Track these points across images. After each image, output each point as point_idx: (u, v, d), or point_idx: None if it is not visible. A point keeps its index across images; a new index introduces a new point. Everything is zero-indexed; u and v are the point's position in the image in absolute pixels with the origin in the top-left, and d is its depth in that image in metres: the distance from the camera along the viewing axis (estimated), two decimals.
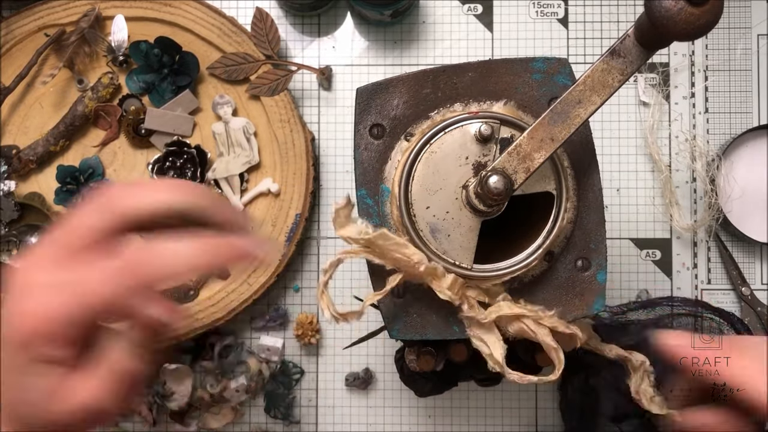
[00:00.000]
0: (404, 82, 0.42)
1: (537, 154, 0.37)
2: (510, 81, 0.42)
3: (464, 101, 0.42)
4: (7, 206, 0.60)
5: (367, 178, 0.42)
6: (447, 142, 0.40)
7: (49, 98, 0.63)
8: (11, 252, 0.61)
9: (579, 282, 0.42)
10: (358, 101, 0.42)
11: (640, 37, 0.36)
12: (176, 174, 0.61)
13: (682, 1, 0.32)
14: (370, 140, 0.42)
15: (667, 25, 0.32)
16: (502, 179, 0.37)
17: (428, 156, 0.40)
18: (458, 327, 0.41)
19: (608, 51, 0.36)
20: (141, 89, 0.62)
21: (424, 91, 0.42)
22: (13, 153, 0.61)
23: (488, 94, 0.42)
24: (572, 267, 0.42)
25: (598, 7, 0.64)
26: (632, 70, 0.36)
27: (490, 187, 0.37)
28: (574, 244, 0.42)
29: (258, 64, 0.61)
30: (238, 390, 0.62)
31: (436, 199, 0.40)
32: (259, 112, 0.62)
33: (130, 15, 0.61)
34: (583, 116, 0.37)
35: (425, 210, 0.40)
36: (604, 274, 0.42)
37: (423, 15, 0.64)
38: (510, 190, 0.37)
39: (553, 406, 0.63)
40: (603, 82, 0.37)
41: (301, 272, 0.63)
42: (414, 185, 0.40)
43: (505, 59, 0.43)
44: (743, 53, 0.63)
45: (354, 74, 0.64)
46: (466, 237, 0.40)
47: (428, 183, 0.40)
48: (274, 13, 0.64)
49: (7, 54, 0.62)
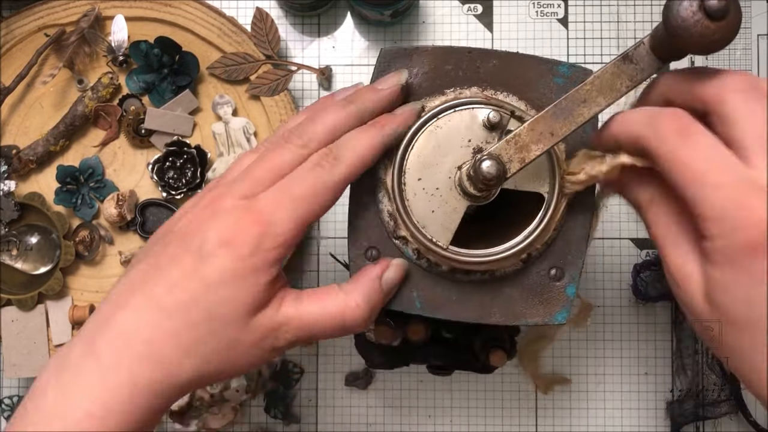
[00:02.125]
0: (429, 53, 0.42)
1: (535, 146, 0.37)
2: (531, 78, 0.42)
3: (482, 86, 0.42)
4: (7, 206, 0.60)
5: None
6: (454, 120, 0.40)
7: (49, 98, 0.63)
8: (11, 252, 0.61)
9: (548, 290, 0.42)
10: (380, 61, 0.42)
11: (654, 46, 0.36)
12: (176, 174, 0.61)
13: (700, 13, 0.32)
14: None
15: (683, 36, 0.32)
16: (495, 165, 0.36)
17: (433, 129, 0.40)
18: (420, 303, 0.42)
19: (621, 55, 0.36)
20: (141, 89, 0.62)
21: (446, 67, 0.42)
22: (13, 153, 0.61)
23: (507, 86, 0.42)
24: (545, 274, 0.42)
25: (598, 7, 0.64)
26: (642, 78, 0.36)
27: (483, 171, 0.36)
28: (553, 252, 0.42)
29: (258, 64, 0.61)
30: (238, 390, 0.62)
31: (430, 173, 0.40)
32: (259, 112, 0.62)
33: (130, 15, 0.61)
34: (586, 116, 0.37)
35: (416, 181, 0.40)
36: (575, 289, 0.42)
37: (423, 15, 0.64)
38: (502, 177, 0.37)
39: (553, 406, 0.63)
40: (611, 86, 0.37)
41: (301, 272, 0.63)
42: (412, 154, 0.40)
43: (533, 56, 0.42)
44: (743, 53, 0.63)
45: (354, 74, 0.64)
46: (449, 217, 0.40)
47: (426, 155, 0.40)
48: (274, 13, 0.64)
49: (7, 54, 0.62)
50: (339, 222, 0.63)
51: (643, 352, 0.63)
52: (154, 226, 0.62)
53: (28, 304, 0.61)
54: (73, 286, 0.62)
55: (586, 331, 0.63)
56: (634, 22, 0.63)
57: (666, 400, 0.63)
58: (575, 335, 0.63)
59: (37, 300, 0.61)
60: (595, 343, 0.63)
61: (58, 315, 0.61)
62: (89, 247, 0.61)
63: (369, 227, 0.41)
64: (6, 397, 0.64)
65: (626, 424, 0.62)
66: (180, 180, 0.61)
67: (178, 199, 0.61)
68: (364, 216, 0.41)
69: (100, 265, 0.62)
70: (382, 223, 0.41)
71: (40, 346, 0.61)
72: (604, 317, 0.63)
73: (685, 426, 0.62)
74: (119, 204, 0.60)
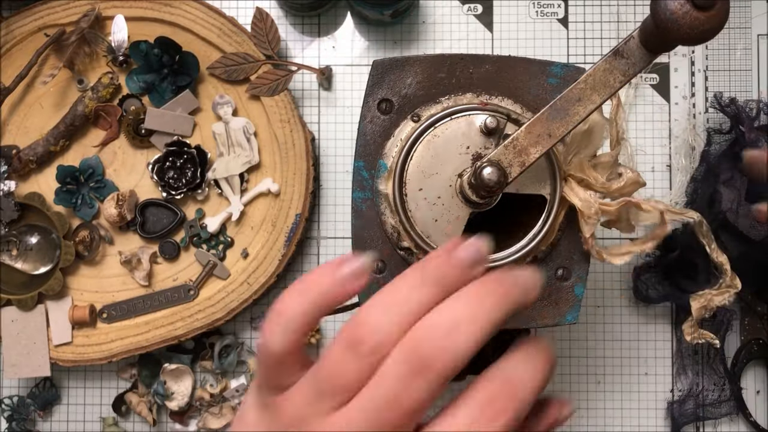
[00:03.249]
0: (421, 62, 0.42)
1: (533, 149, 0.37)
2: (525, 80, 0.42)
3: (477, 92, 0.42)
4: (7, 206, 0.60)
5: (368, 150, 0.42)
6: (451, 129, 0.40)
7: (49, 98, 0.63)
8: (11, 252, 0.61)
9: (556, 291, 0.42)
10: (373, 74, 0.42)
11: (644, 40, 0.36)
12: (176, 174, 0.61)
13: (688, 5, 0.32)
14: (377, 114, 0.42)
15: (672, 28, 0.32)
16: (496, 171, 0.36)
17: (430, 139, 0.40)
18: None
19: (611, 51, 0.36)
20: (141, 89, 0.62)
21: (439, 75, 0.42)
22: (13, 153, 0.61)
23: (501, 90, 0.42)
24: (552, 275, 0.42)
25: (598, 7, 0.64)
26: (634, 72, 0.36)
27: (485, 178, 0.36)
28: (559, 253, 0.42)
29: (258, 64, 0.61)
30: (238, 390, 0.62)
31: (431, 182, 0.40)
32: (259, 112, 0.62)
33: (130, 15, 0.61)
34: (582, 114, 0.37)
35: (417, 191, 0.40)
36: (583, 288, 0.42)
37: (423, 15, 0.64)
38: (504, 183, 0.37)
39: None
40: (604, 82, 0.37)
41: (301, 272, 0.63)
42: (411, 165, 0.40)
43: (525, 58, 0.43)
44: (743, 53, 0.63)
45: (354, 74, 0.64)
46: (453, 225, 0.40)
47: (425, 165, 0.40)
48: (274, 13, 0.64)
49: (7, 54, 0.62)
50: (339, 222, 0.63)
51: (643, 353, 0.63)
52: (154, 226, 0.62)
53: (28, 304, 0.61)
54: (73, 286, 0.62)
55: (586, 331, 0.63)
56: (634, 22, 0.63)
57: (666, 400, 0.62)
58: (575, 335, 0.63)
59: (37, 300, 0.61)
60: (595, 343, 0.63)
61: (58, 315, 0.61)
62: (89, 247, 0.61)
63: (373, 240, 0.41)
64: (6, 397, 0.64)
65: (626, 424, 0.62)
66: (180, 180, 0.61)
67: (178, 199, 0.61)
68: (367, 228, 0.41)
69: (100, 265, 0.62)
70: (386, 235, 0.41)
71: (40, 346, 0.61)
72: (604, 317, 0.63)
73: (685, 426, 0.62)
74: (119, 204, 0.60)
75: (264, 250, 0.60)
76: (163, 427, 0.64)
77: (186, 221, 0.62)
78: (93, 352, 0.61)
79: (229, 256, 0.62)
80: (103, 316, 0.62)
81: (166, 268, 0.62)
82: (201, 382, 0.63)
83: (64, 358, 0.61)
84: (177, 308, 0.61)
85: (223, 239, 0.62)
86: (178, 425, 0.63)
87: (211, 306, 0.60)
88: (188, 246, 0.62)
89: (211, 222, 0.61)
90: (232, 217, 0.61)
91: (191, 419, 0.63)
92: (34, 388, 0.64)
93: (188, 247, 0.62)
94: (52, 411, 0.64)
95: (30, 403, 0.63)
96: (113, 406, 0.63)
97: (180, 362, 0.62)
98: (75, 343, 0.61)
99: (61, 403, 0.64)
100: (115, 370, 0.64)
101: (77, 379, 0.64)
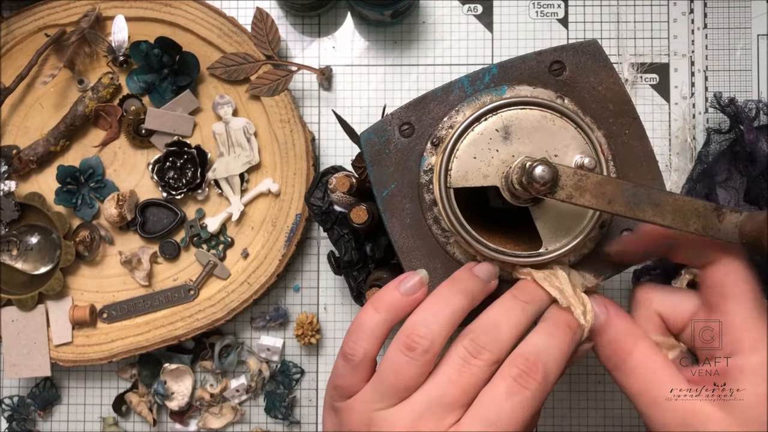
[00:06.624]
0: None
1: (590, 197, 0.37)
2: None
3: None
4: (7, 206, 0.60)
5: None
6: (488, 129, 0.41)
7: (49, 98, 0.63)
8: (11, 252, 0.61)
9: None
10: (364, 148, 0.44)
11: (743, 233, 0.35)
12: (176, 174, 0.61)
13: None
14: (400, 138, 0.43)
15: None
16: (549, 169, 0.37)
17: (469, 140, 0.41)
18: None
19: (717, 205, 0.36)
20: (141, 89, 0.62)
21: None
22: (13, 153, 0.61)
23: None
24: (617, 235, 0.44)
25: (598, 7, 0.64)
26: (712, 235, 0.36)
27: (536, 176, 0.37)
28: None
29: (258, 65, 0.61)
30: (238, 390, 0.62)
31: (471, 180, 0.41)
32: (260, 112, 0.62)
33: (130, 15, 0.61)
34: (646, 218, 0.37)
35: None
36: None
37: (423, 15, 0.64)
38: (556, 183, 0.37)
39: (553, 406, 0.63)
40: (684, 216, 0.36)
41: (301, 272, 0.63)
42: (453, 168, 0.41)
43: None
44: (743, 53, 0.63)
45: (354, 74, 0.64)
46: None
47: (465, 168, 0.41)
48: (274, 13, 0.64)
49: (7, 54, 0.62)
50: None
51: None
52: (154, 226, 0.62)
53: (28, 304, 0.61)
54: (73, 286, 0.62)
55: None
56: (634, 22, 0.63)
57: None
58: None
59: (37, 300, 0.61)
60: None
61: (58, 315, 0.61)
62: (89, 247, 0.61)
63: (417, 247, 0.43)
64: (6, 397, 0.64)
65: (626, 424, 0.62)
66: (180, 180, 0.61)
67: (178, 199, 0.61)
68: (411, 236, 0.43)
69: (100, 265, 0.62)
70: (433, 236, 0.43)
71: (40, 346, 0.61)
72: None
73: None
74: (119, 204, 0.60)
75: (264, 250, 0.60)
76: (163, 427, 0.64)
77: (186, 221, 0.62)
78: (93, 352, 0.61)
79: (229, 256, 0.62)
80: (104, 316, 0.62)
81: (167, 268, 0.62)
82: (201, 382, 0.63)
83: (64, 358, 0.61)
84: (177, 308, 0.61)
85: (223, 239, 0.62)
86: (178, 425, 0.63)
87: (211, 306, 0.60)
88: (188, 246, 0.62)
89: (212, 222, 0.61)
90: (233, 217, 0.61)
91: (191, 419, 0.63)
92: (35, 388, 0.64)
93: (188, 247, 0.62)
94: (52, 411, 0.64)
95: (30, 403, 0.63)
96: (113, 406, 0.63)
97: (180, 362, 0.62)
98: (75, 343, 0.61)
99: (62, 403, 0.64)
100: (116, 370, 0.64)
101: (77, 379, 0.64)
